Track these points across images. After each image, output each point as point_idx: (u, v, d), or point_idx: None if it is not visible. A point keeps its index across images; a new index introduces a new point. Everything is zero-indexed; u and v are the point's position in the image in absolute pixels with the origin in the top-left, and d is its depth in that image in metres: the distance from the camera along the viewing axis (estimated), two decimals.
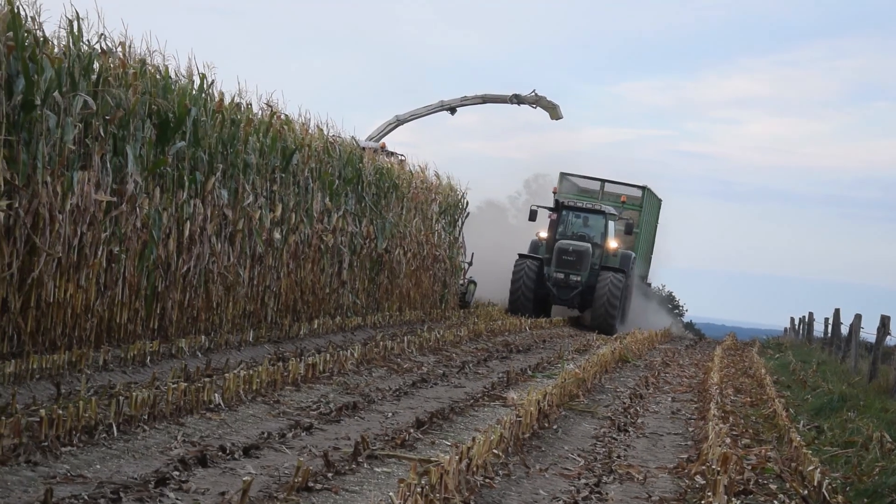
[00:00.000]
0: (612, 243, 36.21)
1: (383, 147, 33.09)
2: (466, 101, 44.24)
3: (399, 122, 42.78)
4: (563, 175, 40.93)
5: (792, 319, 46.22)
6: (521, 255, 36.19)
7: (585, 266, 35.18)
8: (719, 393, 17.49)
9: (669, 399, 17.99)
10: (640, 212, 40.27)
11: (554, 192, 38.82)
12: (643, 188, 40.53)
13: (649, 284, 45.77)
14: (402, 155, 32.14)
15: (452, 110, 44.03)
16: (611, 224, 36.53)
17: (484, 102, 44.83)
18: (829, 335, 32.31)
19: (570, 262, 35.18)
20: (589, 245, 35.46)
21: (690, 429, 14.69)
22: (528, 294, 35.11)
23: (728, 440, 12.05)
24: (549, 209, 36.80)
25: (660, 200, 44.01)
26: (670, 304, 59.05)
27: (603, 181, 40.66)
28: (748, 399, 18.27)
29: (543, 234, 36.88)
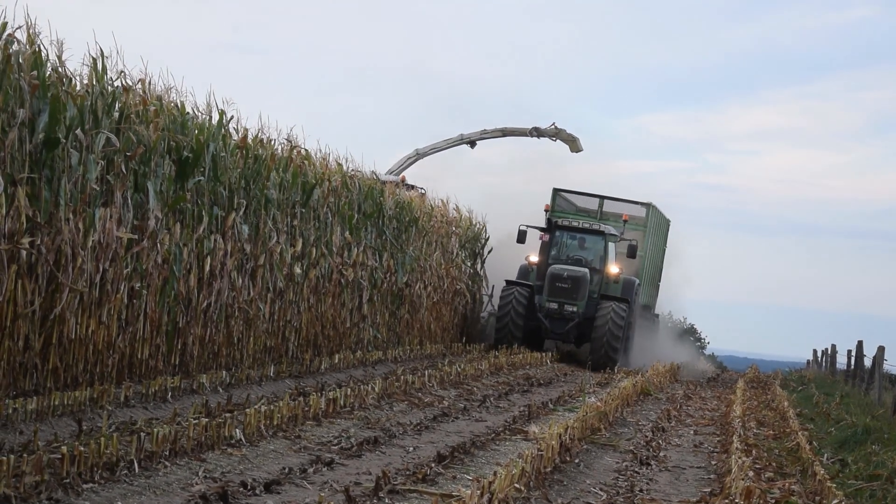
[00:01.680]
0: (614, 268, 31.70)
1: (403, 180, 33.14)
2: (486, 135, 43.99)
3: (419, 155, 42.58)
4: (556, 191, 35.71)
5: (815, 352, 45.99)
6: (508, 282, 31.70)
7: (582, 294, 30.76)
8: (742, 426, 17.39)
9: (692, 432, 17.89)
10: (645, 232, 35.12)
11: (546, 211, 33.96)
12: (647, 205, 35.48)
13: (657, 316, 40.20)
14: (422, 188, 32.17)
15: (472, 144, 43.81)
16: (611, 246, 31.99)
17: (504, 135, 44.50)
18: (853, 367, 32.11)
19: (565, 290, 30.73)
20: (586, 270, 31.06)
21: (713, 462, 14.60)
22: (518, 327, 30.77)
23: (751, 473, 11.97)
24: (541, 229, 32.32)
25: (668, 220, 39.24)
26: (692, 337, 58.58)
27: (602, 198, 35.69)
28: (771, 432, 18.15)
29: (534, 258, 32.27)
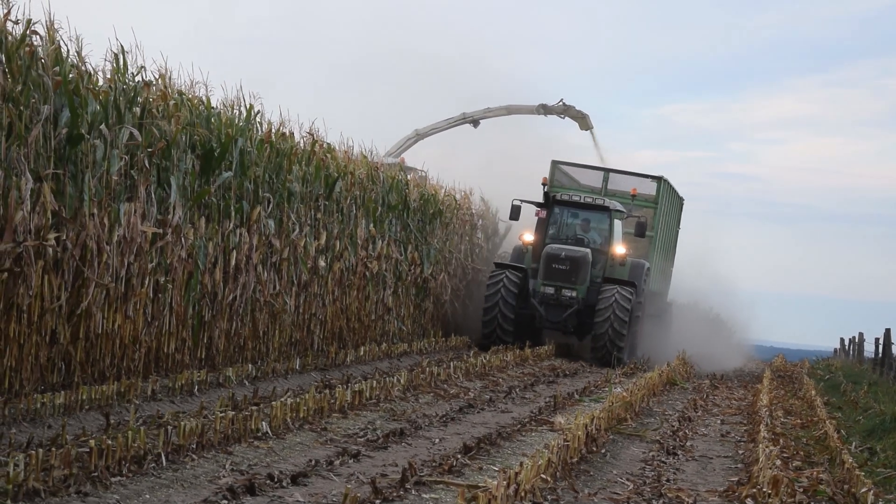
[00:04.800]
0: (619, 249, 28.15)
1: (402, 162, 32.51)
2: (490, 113, 41.42)
3: (419, 136, 40.40)
4: (555, 164, 31.60)
5: (842, 340, 45.85)
6: (498, 265, 28.31)
7: (583, 278, 27.25)
8: (769, 415, 17.32)
9: (718, 422, 17.84)
10: (656, 210, 31.04)
11: (543, 184, 29.71)
12: (659, 179, 31.31)
13: (670, 304, 35.37)
14: (422, 170, 31.34)
15: (475, 123, 41.25)
16: (617, 224, 28.38)
17: (509, 114, 41.85)
18: (881, 355, 31.97)
19: (563, 273, 27.12)
20: (588, 251, 27.51)
21: (740, 451, 14.56)
22: (508, 314, 27.00)
23: (779, 462, 11.92)
24: (538, 205, 28.63)
25: (681, 199, 35.70)
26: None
27: (607, 171, 31.89)
28: (798, 421, 18.08)
29: (529, 238, 28.64)
